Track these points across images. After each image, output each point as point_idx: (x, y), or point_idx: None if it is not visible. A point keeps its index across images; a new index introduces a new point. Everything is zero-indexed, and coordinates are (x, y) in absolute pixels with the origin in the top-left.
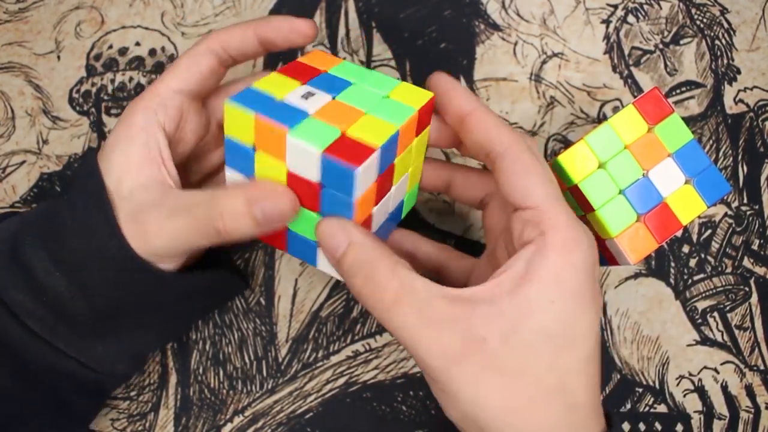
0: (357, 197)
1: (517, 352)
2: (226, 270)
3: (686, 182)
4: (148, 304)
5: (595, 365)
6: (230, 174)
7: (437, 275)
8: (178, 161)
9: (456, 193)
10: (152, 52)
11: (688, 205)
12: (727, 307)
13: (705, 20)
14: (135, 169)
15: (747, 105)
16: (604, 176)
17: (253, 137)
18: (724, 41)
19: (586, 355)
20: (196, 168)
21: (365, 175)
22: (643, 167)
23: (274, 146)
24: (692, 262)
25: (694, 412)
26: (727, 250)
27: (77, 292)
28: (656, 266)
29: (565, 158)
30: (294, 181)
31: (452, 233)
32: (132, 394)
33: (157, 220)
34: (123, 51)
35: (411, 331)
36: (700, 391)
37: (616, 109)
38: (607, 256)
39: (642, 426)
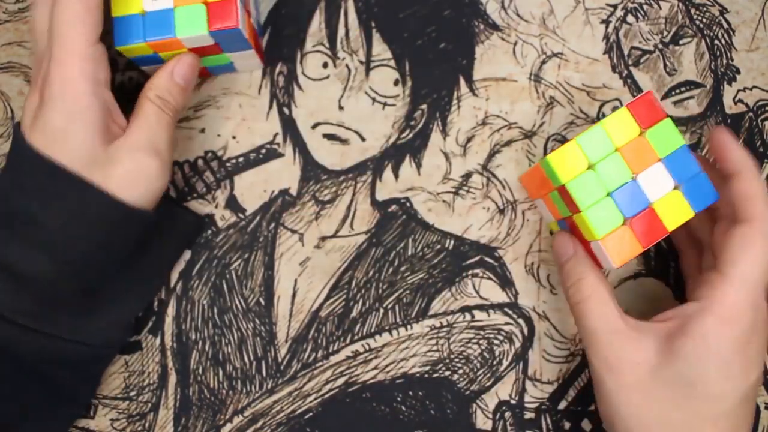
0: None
1: (656, 384)
2: (183, 209)
3: (675, 188)
4: (117, 258)
5: (730, 423)
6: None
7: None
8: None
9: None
10: None
11: (675, 211)
12: None
13: (704, 20)
14: (101, 137)
15: (746, 105)
16: (592, 177)
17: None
18: (723, 41)
19: (718, 411)
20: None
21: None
22: (633, 170)
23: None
24: None
25: None
26: None
27: (62, 267)
28: (656, 266)
29: (554, 158)
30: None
31: (452, 233)
32: (132, 394)
33: (133, 145)
34: None
35: (590, 332)
36: None
37: (615, 109)
38: (591, 257)
39: None
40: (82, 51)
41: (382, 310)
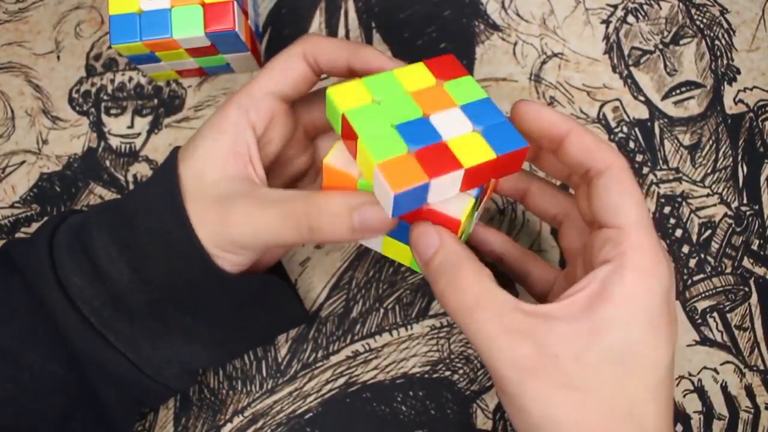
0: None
1: (587, 371)
2: (293, 295)
3: (473, 131)
4: (203, 304)
5: (666, 393)
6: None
7: (520, 280)
8: (265, 164)
9: (531, 203)
10: None
11: (473, 151)
12: (727, 308)
13: (705, 20)
14: (221, 161)
15: (747, 105)
16: (374, 109)
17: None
18: (723, 41)
19: (655, 382)
20: (279, 172)
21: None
22: (424, 111)
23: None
24: (692, 263)
25: (694, 412)
26: (727, 250)
27: (137, 283)
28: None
29: (335, 90)
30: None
31: None
32: None
33: (245, 207)
34: None
35: (488, 338)
36: (700, 391)
37: (615, 109)
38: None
39: None
40: (251, 92)
41: (382, 310)
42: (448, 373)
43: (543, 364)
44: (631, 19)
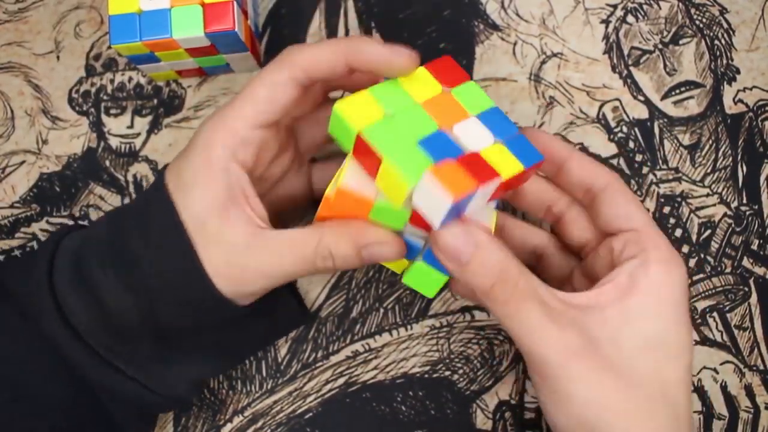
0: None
1: (624, 354)
2: (292, 298)
3: (496, 143)
4: (214, 333)
5: (690, 376)
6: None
7: (539, 262)
8: (264, 192)
9: (507, 239)
10: None
11: (504, 162)
12: (727, 307)
13: (704, 20)
14: (219, 210)
15: (746, 105)
16: (390, 125)
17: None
18: (723, 41)
19: (685, 366)
20: (272, 191)
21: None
22: (440, 124)
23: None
24: (691, 262)
25: (694, 412)
26: (727, 250)
27: (146, 321)
28: None
29: (343, 107)
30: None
31: None
32: None
33: (257, 263)
34: None
35: (535, 327)
36: (700, 391)
37: (615, 109)
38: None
39: None
40: (236, 130)
41: (382, 310)
42: (448, 373)
43: (588, 347)
44: (630, 18)
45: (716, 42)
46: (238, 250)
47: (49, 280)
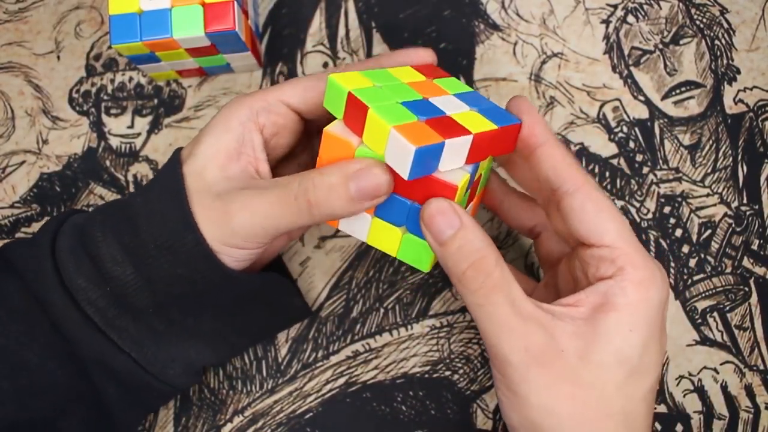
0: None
1: (590, 369)
2: (293, 287)
3: (471, 110)
4: (207, 303)
5: (654, 396)
6: None
7: (536, 239)
8: (271, 164)
9: (508, 216)
10: None
11: (476, 122)
12: (727, 307)
13: (705, 20)
14: (222, 160)
15: (747, 105)
16: (378, 89)
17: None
18: (723, 41)
19: (650, 385)
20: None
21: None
22: (423, 96)
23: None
24: (692, 262)
25: (694, 412)
26: (727, 250)
27: (142, 283)
28: None
29: (337, 76)
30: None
31: None
32: None
33: (243, 197)
34: None
35: (502, 322)
36: (700, 391)
37: (615, 109)
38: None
39: None
40: (267, 97)
41: (382, 310)
42: (448, 373)
43: (550, 355)
44: (631, 19)
45: (716, 42)
46: (227, 196)
47: (52, 250)
